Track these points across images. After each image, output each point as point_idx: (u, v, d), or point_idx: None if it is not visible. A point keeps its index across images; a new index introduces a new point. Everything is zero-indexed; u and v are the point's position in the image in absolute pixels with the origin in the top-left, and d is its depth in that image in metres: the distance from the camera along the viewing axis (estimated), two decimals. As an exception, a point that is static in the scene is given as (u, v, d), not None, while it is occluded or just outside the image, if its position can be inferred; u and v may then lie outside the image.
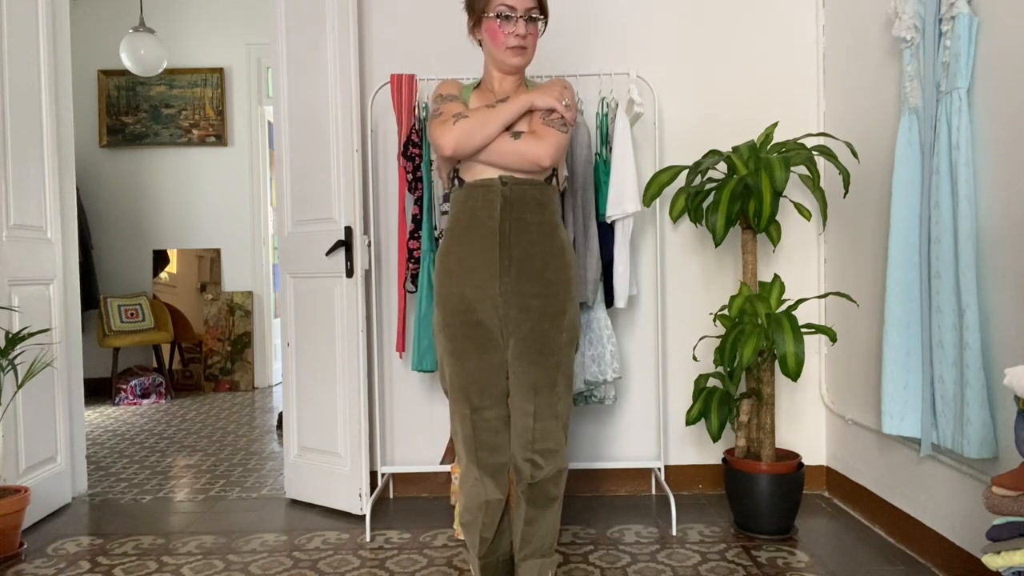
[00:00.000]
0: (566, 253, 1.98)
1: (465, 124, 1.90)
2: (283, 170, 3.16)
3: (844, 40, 2.99)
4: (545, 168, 1.92)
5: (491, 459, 1.97)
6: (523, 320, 1.91)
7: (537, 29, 1.99)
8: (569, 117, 1.93)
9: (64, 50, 3.36)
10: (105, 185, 6.01)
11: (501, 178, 1.94)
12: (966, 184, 2.08)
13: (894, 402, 2.37)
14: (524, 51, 1.96)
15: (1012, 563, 1.43)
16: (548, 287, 1.93)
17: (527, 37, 1.95)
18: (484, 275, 1.91)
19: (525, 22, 1.94)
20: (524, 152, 1.90)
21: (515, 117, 1.93)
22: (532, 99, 1.94)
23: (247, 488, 3.38)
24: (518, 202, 1.92)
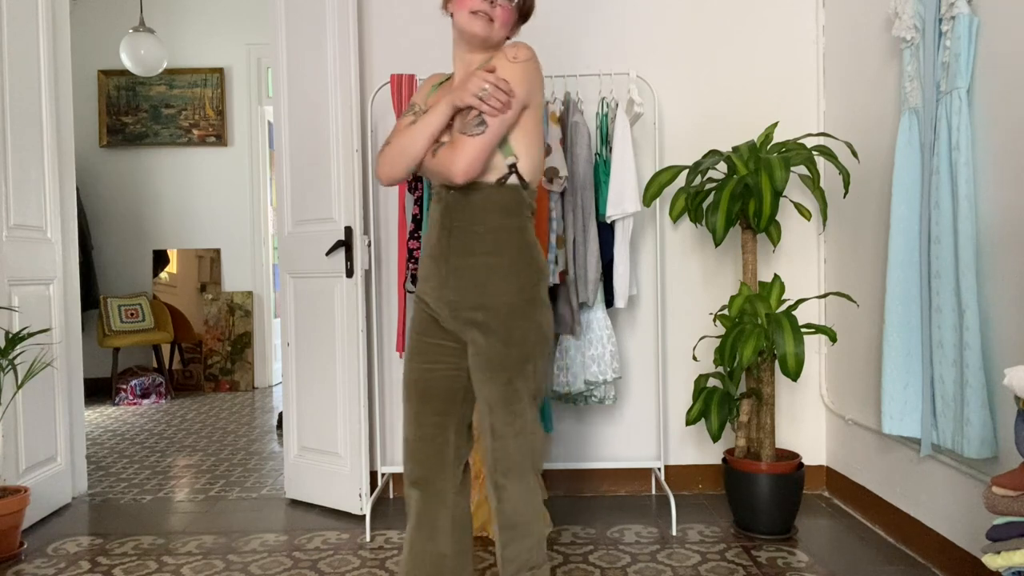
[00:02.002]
0: (519, 263, 1.73)
1: (388, 151, 1.75)
2: (283, 170, 3.16)
3: (844, 40, 2.99)
4: (460, 184, 1.68)
5: (416, 471, 1.83)
6: (471, 333, 1.76)
7: (510, 8, 1.74)
8: (494, 107, 1.64)
9: (64, 50, 3.36)
10: (105, 185, 6.01)
11: (444, 184, 1.77)
12: (966, 184, 2.08)
13: (894, 402, 2.37)
14: (490, 22, 1.71)
15: (1012, 563, 1.43)
16: (492, 299, 1.72)
17: (496, 8, 1.71)
18: (435, 283, 1.79)
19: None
20: (439, 170, 1.71)
21: (439, 128, 1.72)
22: (453, 99, 1.71)
23: (247, 488, 3.38)
24: (460, 209, 1.74)
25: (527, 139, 1.72)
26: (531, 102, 1.70)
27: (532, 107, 1.71)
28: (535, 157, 1.75)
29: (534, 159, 1.74)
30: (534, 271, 1.76)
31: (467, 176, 1.67)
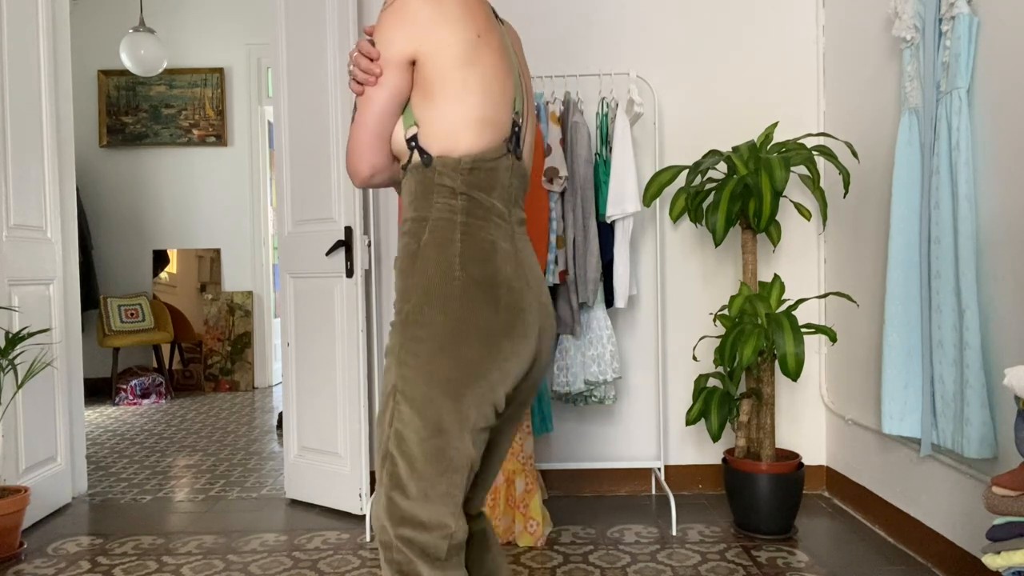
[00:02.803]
0: (418, 258, 1.27)
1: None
2: (283, 170, 3.16)
3: (844, 40, 2.99)
4: (360, 180, 1.32)
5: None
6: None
7: None
8: (357, 83, 1.28)
9: (64, 50, 3.36)
10: (105, 185, 6.01)
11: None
12: (966, 184, 2.08)
13: (894, 402, 2.37)
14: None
15: (1012, 563, 1.43)
16: (397, 300, 1.32)
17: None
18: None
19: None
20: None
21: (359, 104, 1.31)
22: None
23: (247, 488, 3.38)
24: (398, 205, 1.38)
25: (429, 98, 1.24)
26: (420, 49, 1.22)
27: (427, 54, 1.22)
28: (446, 118, 1.24)
29: (445, 120, 1.24)
30: (423, 270, 1.25)
31: (357, 178, 1.31)
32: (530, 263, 1.35)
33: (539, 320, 1.32)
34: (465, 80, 1.23)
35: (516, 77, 1.32)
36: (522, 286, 1.29)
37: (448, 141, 1.26)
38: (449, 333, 1.23)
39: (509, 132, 1.30)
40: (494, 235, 1.29)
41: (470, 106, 1.24)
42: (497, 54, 1.27)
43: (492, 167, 1.28)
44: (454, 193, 1.26)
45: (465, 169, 1.26)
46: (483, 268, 1.26)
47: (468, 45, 1.23)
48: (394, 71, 1.25)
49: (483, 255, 1.26)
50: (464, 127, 1.25)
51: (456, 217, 1.26)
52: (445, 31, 1.22)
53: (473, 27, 1.24)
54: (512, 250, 1.31)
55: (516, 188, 1.35)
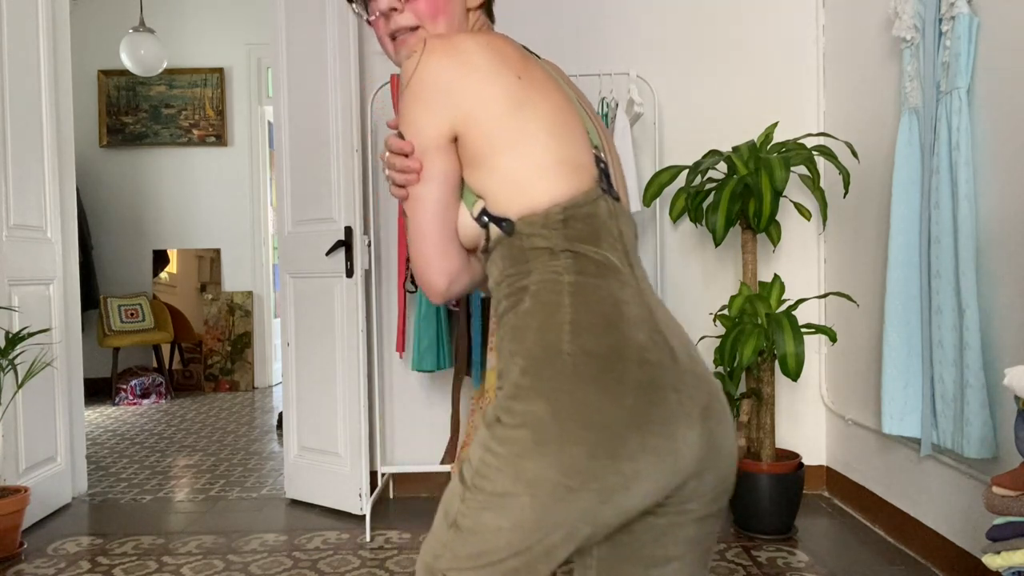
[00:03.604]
0: (518, 329, 0.99)
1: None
2: (283, 170, 3.16)
3: (844, 40, 2.99)
4: (439, 295, 1.09)
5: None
6: None
7: (381, 20, 1.12)
8: (398, 185, 1.06)
9: (64, 50, 3.36)
10: (105, 185, 6.01)
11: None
12: (966, 184, 2.08)
13: (894, 402, 2.37)
14: (407, 38, 1.11)
15: (1012, 563, 1.43)
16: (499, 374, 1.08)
17: (405, 8, 1.10)
18: None
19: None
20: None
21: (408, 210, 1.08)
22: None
23: (247, 488, 3.38)
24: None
25: (483, 163, 1.01)
26: (457, 121, 1.00)
27: (467, 121, 1.00)
28: (513, 173, 1.00)
29: (512, 175, 1.00)
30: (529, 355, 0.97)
31: (434, 294, 1.09)
32: (670, 326, 1.02)
33: (697, 399, 0.97)
34: (522, 126, 1.00)
35: (579, 109, 1.08)
36: (662, 358, 0.96)
37: (526, 196, 1.00)
38: (550, 425, 0.93)
39: (596, 171, 1.03)
40: (617, 294, 0.99)
41: (539, 150, 1.00)
42: (548, 89, 1.04)
43: (589, 213, 1.00)
44: (553, 253, 0.99)
45: (558, 221, 0.99)
46: (603, 338, 0.95)
47: (511, 90, 1.00)
48: (435, 158, 1.02)
49: (604, 321, 0.96)
50: (539, 175, 1.00)
51: (563, 277, 0.98)
52: (479, 87, 1.00)
53: (511, 69, 1.01)
54: (644, 313, 0.99)
55: (628, 237, 1.06)
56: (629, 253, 1.04)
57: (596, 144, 1.07)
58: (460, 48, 1.00)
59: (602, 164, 1.06)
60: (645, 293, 1.03)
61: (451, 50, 1.00)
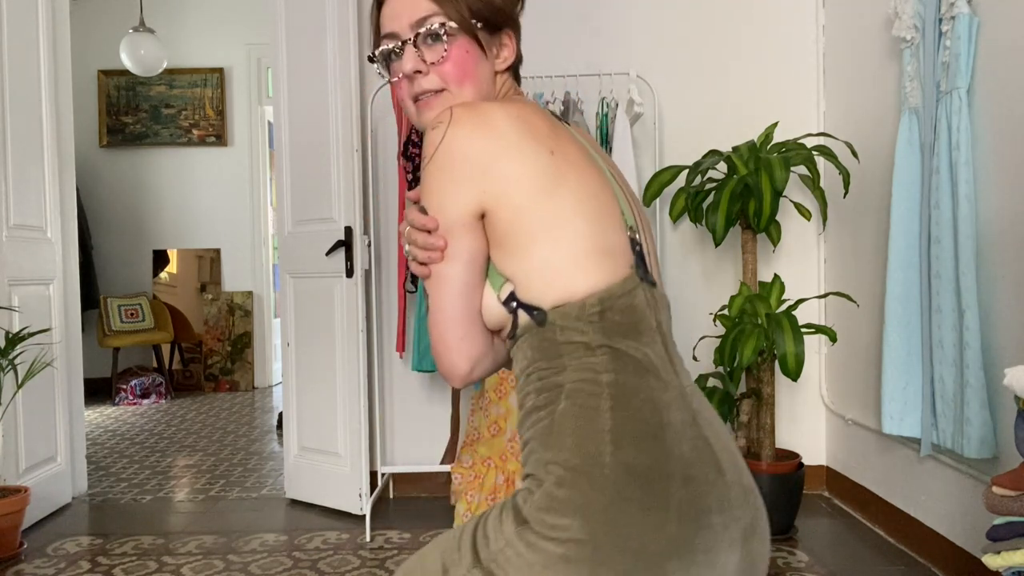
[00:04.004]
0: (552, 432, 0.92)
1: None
2: (283, 170, 3.16)
3: (844, 40, 2.99)
4: (460, 379, 1.02)
5: None
6: None
7: (457, 47, 1.03)
8: (421, 264, 0.99)
9: (64, 50, 3.36)
10: (105, 185, 6.01)
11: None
12: (966, 184, 2.08)
13: (894, 402, 2.37)
14: (431, 100, 1.04)
15: (1012, 563, 1.43)
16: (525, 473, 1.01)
17: (431, 71, 1.04)
18: None
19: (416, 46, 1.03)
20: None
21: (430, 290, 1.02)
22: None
23: (247, 488, 3.38)
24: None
25: (515, 247, 0.94)
26: (485, 198, 0.93)
27: (496, 199, 0.93)
28: (547, 262, 0.93)
29: (546, 265, 0.93)
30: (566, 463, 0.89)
31: (456, 378, 1.02)
32: (715, 430, 0.95)
33: (742, 518, 0.91)
34: (556, 210, 0.93)
35: (613, 185, 1.01)
36: (707, 474, 0.90)
37: (560, 285, 0.93)
38: (585, 544, 0.85)
39: (633, 256, 0.97)
40: (658, 398, 0.92)
41: (574, 237, 0.93)
42: (582, 166, 0.97)
43: (628, 305, 0.94)
44: (590, 348, 0.92)
45: (595, 313, 0.92)
46: (646, 453, 0.88)
47: (544, 167, 0.93)
48: (461, 236, 0.95)
49: (646, 431, 0.89)
50: (574, 263, 0.93)
51: (602, 378, 0.91)
52: (510, 164, 0.92)
53: (543, 144, 0.94)
54: (687, 418, 0.93)
55: (666, 326, 1.00)
56: (668, 346, 0.98)
57: (631, 224, 0.99)
58: (489, 119, 0.93)
59: (638, 247, 0.99)
60: (687, 393, 0.96)
61: (480, 121, 0.93)
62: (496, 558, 0.90)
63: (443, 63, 1.02)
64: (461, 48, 1.02)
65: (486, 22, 1.04)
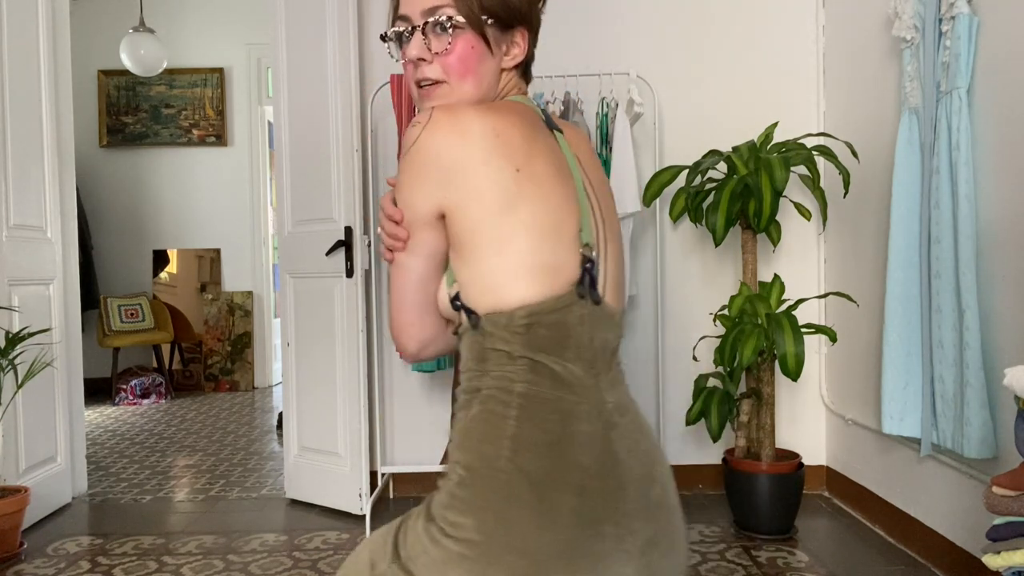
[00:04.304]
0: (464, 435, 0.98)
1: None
2: (283, 170, 3.16)
3: (844, 40, 2.99)
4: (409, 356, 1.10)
5: None
6: None
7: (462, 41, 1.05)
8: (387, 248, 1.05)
9: (64, 50, 3.36)
10: (105, 185, 6.01)
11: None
12: (966, 184, 2.08)
13: (894, 402, 2.37)
14: (431, 90, 1.07)
15: (1012, 563, 1.43)
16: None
17: (434, 60, 1.06)
18: None
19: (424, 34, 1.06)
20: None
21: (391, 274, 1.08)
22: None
23: (247, 488, 3.38)
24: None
25: (465, 253, 0.99)
26: (446, 204, 0.98)
27: (455, 206, 0.98)
28: (489, 271, 0.98)
29: (488, 274, 0.98)
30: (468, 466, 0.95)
31: (405, 354, 1.09)
32: (631, 443, 1.00)
33: (641, 531, 0.95)
34: (508, 227, 0.97)
35: (582, 198, 1.04)
36: (606, 486, 0.94)
37: (496, 295, 0.98)
38: (477, 543, 0.89)
39: (577, 273, 0.99)
40: (569, 410, 0.96)
41: (517, 254, 0.97)
42: (548, 181, 1.00)
43: (558, 321, 0.97)
44: (511, 358, 0.97)
45: (521, 325, 0.96)
46: (543, 459, 0.93)
47: (506, 185, 0.97)
48: (422, 232, 1.00)
49: (548, 439, 0.94)
50: (514, 277, 0.97)
51: (515, 387, 0.96)
52: (475, 176, 0.96)
53: (511, 160, 0.98)
54: (598, 433, 0.97)
55: (602, 342, 1.02)
56: (598, 361, 1.01)
57: (588, 242, 1.01)
58: (465, 128, 0.97)
59: (588, 264, 1.01)
60: (607, 408, 1.00)
61: (455, 129, 0.97)
62: (410, 553, 0.95)
63: (446, 55, 1.04)
64: (466, 43, 1.04)
65: (498, 19, 1.05)
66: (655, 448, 1.05)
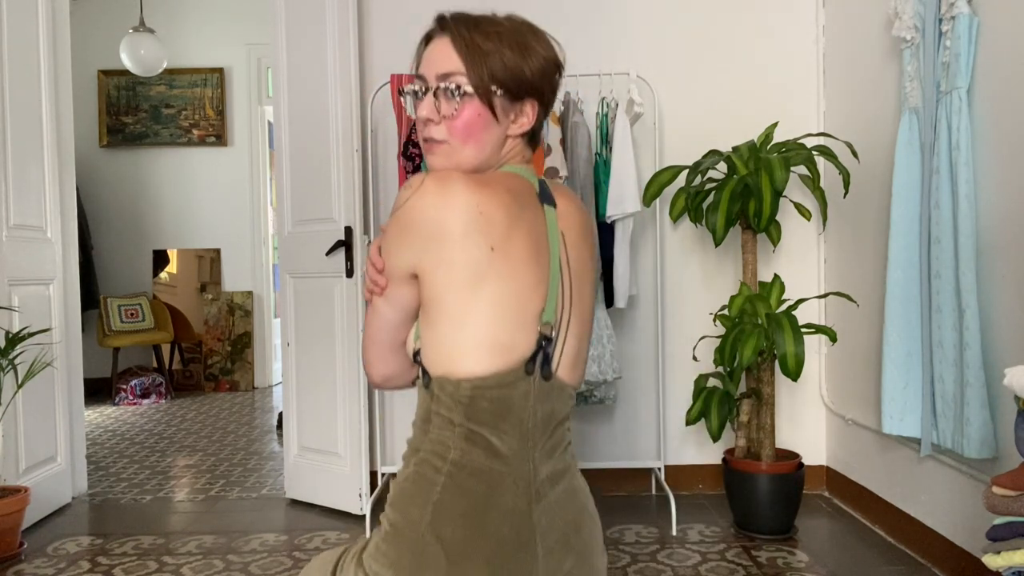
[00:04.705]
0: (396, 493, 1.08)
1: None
2: (283, 170, 3.16)
3: (844, 40, 2.99)
4: (375, 384, 1.21)
5: None
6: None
7: (469, 108, 1.08)
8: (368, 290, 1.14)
9: (64, 50, 3.36)
10: (105, 185, 6.01)
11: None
12: (966, 184, 2.08)
13: (894, 402, 2.37)
14: (436, 147, 1.11)
15: (1012, 563, 1.42)
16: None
17: (441, 122, 1.09)
18: None
19: (436, 97, 1.10)
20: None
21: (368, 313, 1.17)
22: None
23: (247, 488, 3.38)
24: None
25: (428, 317, 1.06)
26: (419, 266, 1.04)
27: (426, 272, 1.04)
28: (445, 340, 1.04)
29: (444, 342, 1.04)
30: (393, 524, 1.04)
31: (371, 381, 1.20)
32: (552, 523, 1.05)
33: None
34: (468, 304, 1.02)
35: (554, 278, 1.08)
36: (519, 556, 1.00)
37: (448, 364, 1.04)
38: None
39: (531, 351, 1.05)
40: (495, 482, 1.01)
41: (474, 330, 1.02)
42: (522, 262, 1.04)
43: (501, 396, 1.02)
44: (451, 425, 1.03)
45: (465, 397, 1.02)
46: (461, 529, 0.98)
47: (476, 264, 1.01)
48: (397, 285, 1.08)
49: (468, 510, 0.99)
50: (466, 350, 1.02)
51: (449, 454, 1.02)
52: (449, 249, 1.01)
53: (487, 238, 1.01)
54: (521, 506, 1.01)
55: (542, 421, 1.06)
56: (537, 433, 1.06)
57: (547, 320, 1.07)
58: (450, 202, 1.01)
59: (545, 341, 1.06)
60: (537, 478, 1.04)
61: (442, 200, 1.01)
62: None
63: (453, 119, 1.08)
64: (473, 110, 1.08)
65: (507, 90, 1.09)
66: (580, 516, 1.10)
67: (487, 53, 1.08)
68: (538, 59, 1.12)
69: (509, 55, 1.09)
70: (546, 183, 1.17)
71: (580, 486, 1.13)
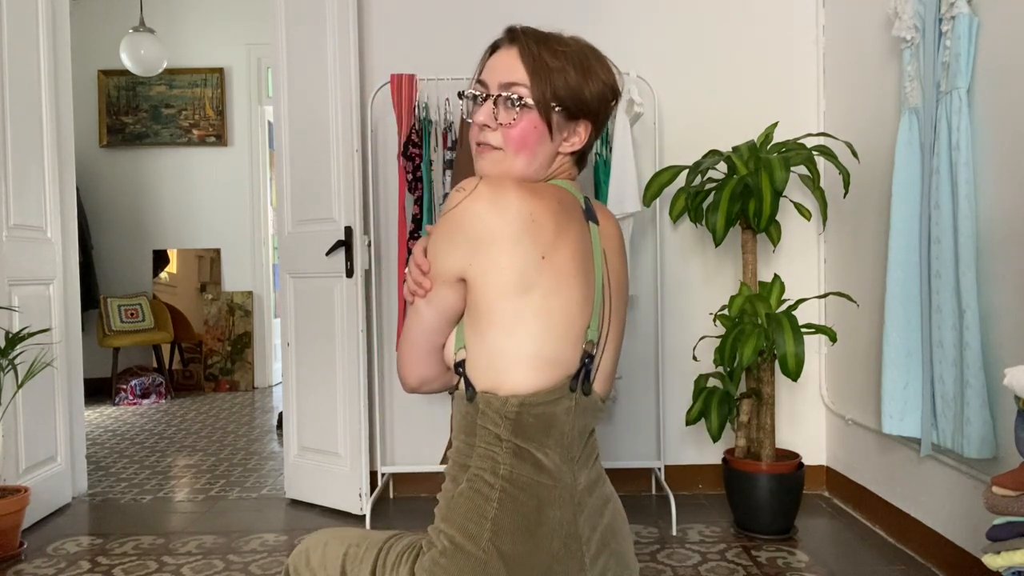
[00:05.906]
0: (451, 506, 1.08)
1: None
2: (283, 170, 3.16)
3: (844, 40, 2.99)
4: (408, 388, 1.18)
5: None
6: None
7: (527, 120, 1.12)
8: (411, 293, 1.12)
9: (64, 50, 3.36)
10: (105, 185, 6.01)
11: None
12: (966, 184, 2.08)
13: (894, 402, 2.37)
14: (487, 151, 1.13)
15: (1012, 563, 1.42)
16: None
17: (498, 129, 1.12)
18: None
19: (495, 104, 1.13)
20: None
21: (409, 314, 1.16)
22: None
23: (247, 488, 3.38)
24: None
25: (476, 324, 1.05)
26: (468, 271, 1.04)
27: (475, 277, 1.03)
28: (493, 350, 1.04)
29: (492, 352, 1.04)
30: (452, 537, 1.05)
31: (405, 386, 1.18)
32: (594, 529, 1.09)
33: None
34: (518, 311, 1.02)
35: (598, 295, 1.09)
36: (568, 569, 1.04)
37: (495, 376, 1.04)
38: None
39: (575, 368, 1.06)
40: (544, 496, 1.03)
41: (523, 341, 1.02)
42: (569, 275, 1.05)
43: (545, 412, 1.04)
44: (499, 440, 1.04)
45: (512, 412, 1.03)
46: (519, 544, 1.01)
47: (526, 270, 1.01)
48: (442, 288, 1.07)
49: (524, 526, 1.02)
50: (514, 363, 1.03)
51: (499, 469, 1.04)
52: (500, 253, 1.01)
53: (538, 247, 1.02)
54: (568, 519, 1.05)
55: (579, 433, 1.09)
56: (574, 446, 1.08)
57: (592, 339, 1.08)
58: (504, 206, 1.02)
59: (587, 359, 1.08)
60: (577, 489, 1.07)
61: (494, 206, 1.02)
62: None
63: (510, 128, 1.11)
64: (530, 122, 1.11)
65: (566, 108, 1.13)
66: (615, 520, 1.14)
67: (552, 70, 1.11)
68: (598, 83, 1.16)
69: (572, 75, 1.12)
70: (590, 200, 1.20)
71: (611, 491, 1.16)
